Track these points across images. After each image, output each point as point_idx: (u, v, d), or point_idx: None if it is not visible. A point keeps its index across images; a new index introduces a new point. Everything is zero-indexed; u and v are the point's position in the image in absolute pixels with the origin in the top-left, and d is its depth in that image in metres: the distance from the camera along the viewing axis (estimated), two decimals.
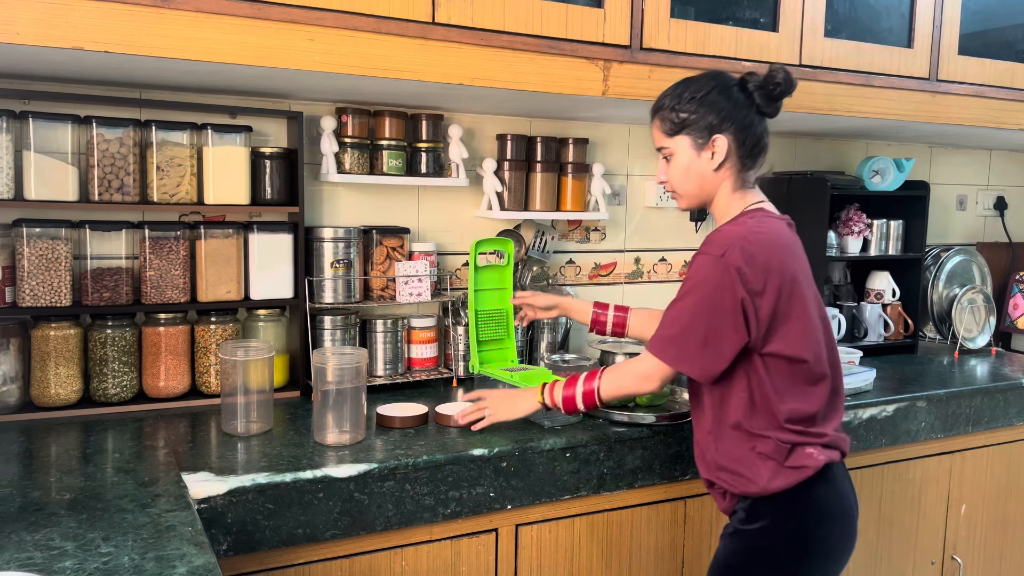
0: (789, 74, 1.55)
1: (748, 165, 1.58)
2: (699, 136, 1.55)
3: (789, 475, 1.50)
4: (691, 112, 1.55)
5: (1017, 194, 3.47)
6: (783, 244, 1.51)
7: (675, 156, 1.60)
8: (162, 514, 1.31)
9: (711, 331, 1.47)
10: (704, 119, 1.54)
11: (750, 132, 1.55)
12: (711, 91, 1.55)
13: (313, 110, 2.13)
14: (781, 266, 1.48)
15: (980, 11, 2.49)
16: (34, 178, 1.78)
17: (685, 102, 1.56)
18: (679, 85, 1.59)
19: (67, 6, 1.44)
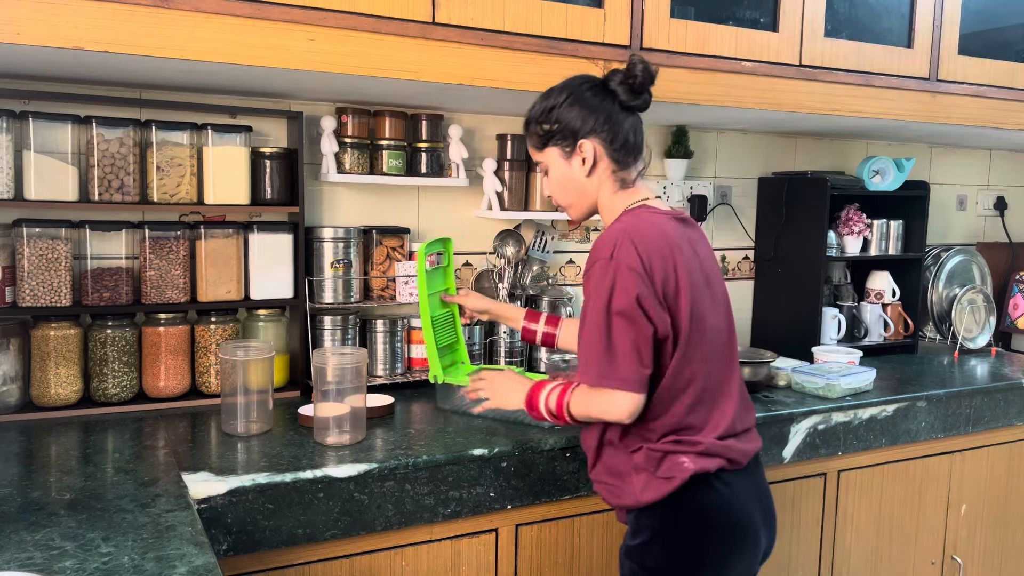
0: (647, 64, 1.50)
1: (624, 163, 1.52)
2: (565, 145, 1.51)
3: (660, 485, 1.42)
4: (553, 122, 1.51)
5: (1017, 194, 3.47)
6: (666, 239, 1.42)
7: (550, 169, 1.55)
8: (162, 514, 1.31)
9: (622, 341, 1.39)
10: (567, 127, 1.50)
11: (617, 130, 1.49)
12: (568, 97, 1.50)
13: (313, 110, 2.13)
14: (662, 261, 1.40)
15: (980, 11, 2.49)
16: (34, 178, 1.78)
17: (545, 113, 1.52)
18: (542, 97, 1.55)
19: (67, 6, 1.44)
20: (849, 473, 2.18)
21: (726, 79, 2.07)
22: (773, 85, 2.15)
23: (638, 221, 1.44)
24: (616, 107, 1.50)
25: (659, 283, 1.39)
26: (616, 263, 1.38)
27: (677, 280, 1.41)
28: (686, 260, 1.43)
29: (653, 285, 1.38)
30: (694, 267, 1.45)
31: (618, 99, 1.50)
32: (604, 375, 1.39)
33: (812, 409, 2.07)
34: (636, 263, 1.38)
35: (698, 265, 1.46)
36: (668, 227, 1.45)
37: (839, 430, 2.11)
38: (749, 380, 2.16)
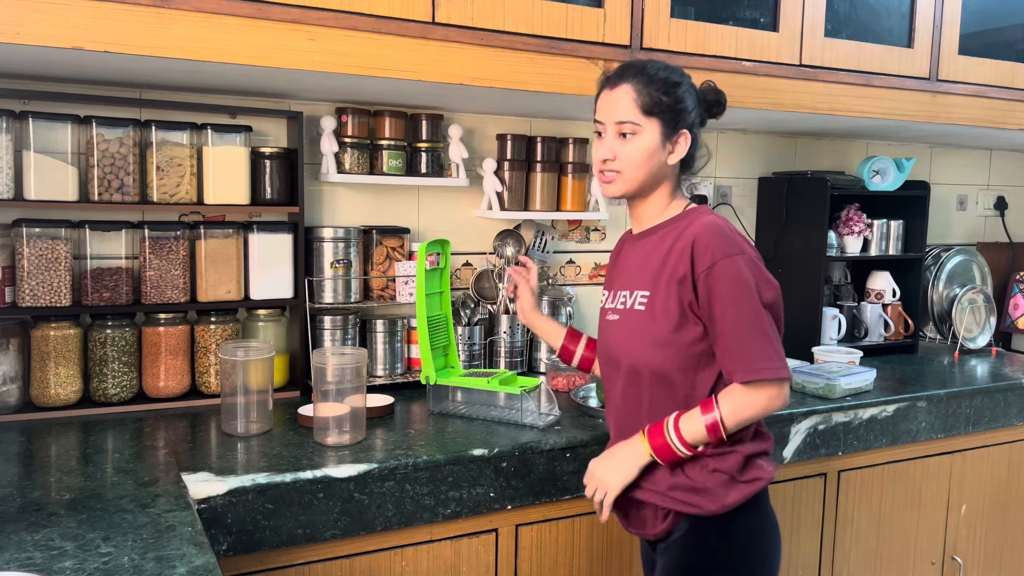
0: (722, 94, 1.54)
1: (688, 168, 1.54)
2: (670, 126, 1.46)
3: (743, 489, 1.43)
4: (674, 98, 1.46)
5: (1017, 194, 3.47)
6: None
7: (640, 137, 1.46)
8: (162, 514, 1.31)
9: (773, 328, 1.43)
10: (683, 110, 1.47)
11: (697, 139, 1.52)
12: (689, 85, 1.50)
13: (313, 110, 2.13)
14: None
15: (980, 11, 2.49)
16: (34, 178, 1.78)
17: (670, 85, 1.46)
18: (662, 66, 1.49)
19: (67, 6, 1.44)
20: (849, 473, 2.18)
21: (726, 79, 2.07)
22: (773, 85, 2.15)
23: (719, 219, 1.47)
24: (699, 118, 1.52)
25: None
26: (748, 257, 1.41)
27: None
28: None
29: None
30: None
31: (702, 113, 1.53)
32: (775, 366, 1.39)
33: (812, 409, 2.07)
34: (760, 257, 1.44)
35: None
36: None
37: (839, 430, 2.11)
38: None
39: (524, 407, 1.86)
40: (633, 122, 1.45)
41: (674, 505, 1.45)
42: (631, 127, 1.46)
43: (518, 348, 2.32)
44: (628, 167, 1.47)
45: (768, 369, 1.39)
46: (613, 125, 1.47)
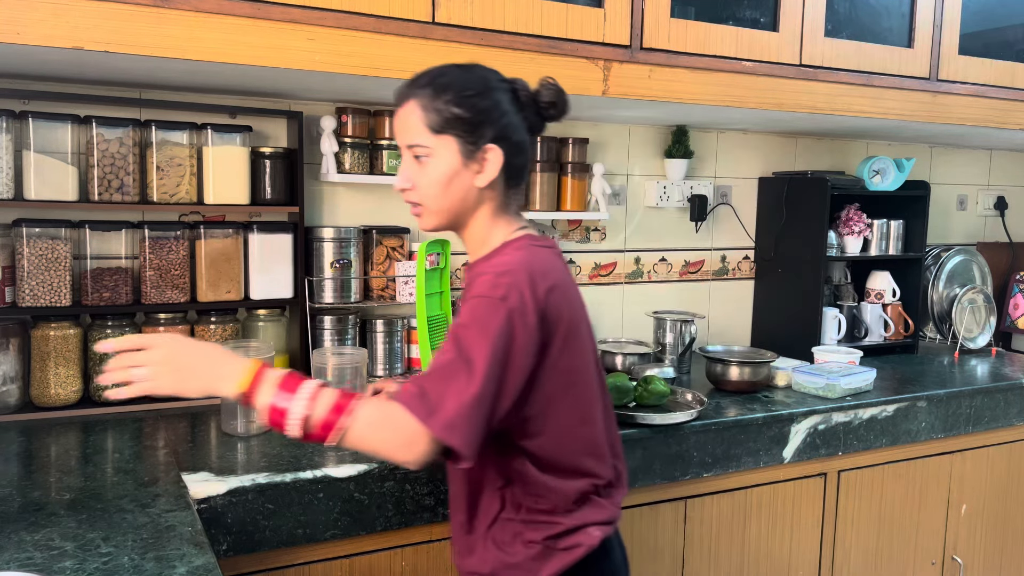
0: (563, 94, 1.32)
1: (512, 186, 1.31)
2: (469, 142, 1.25)
3: (562, 558, 1.29)
4: (467, 108, 1.24)
5: (1017, 194, 3.47)
6: (569, 285, 1.27)
7: (433, 158, 1.26)
8: (162, 514, 1.31)
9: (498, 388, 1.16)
10: (481, 120, 1.25)
11: (521, 149, 1.29)
12: (492, 90, 1.27)
13: (313, 110, 2.13)
14: (571, 314, 1.25)
15: (980, 11, 2.49)
16: (34, 178, 1.78)
17: (466, 96, 1.25)
18: (451, 70, 1.28)
19: (67, 6, 1.44)
20: (849, 473, 2.18)
21: (726, 79, 2.07)
22: (773, 85, 2.15)
23: (538, 260, 1.24)
24: (524, 124, 1.30)
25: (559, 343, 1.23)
26: (509, 306, 1.16)
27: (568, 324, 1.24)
28: (585, 312, 1.32)
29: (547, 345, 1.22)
30: (587, 315, 1.33)
31: (527, 117, 1.30)
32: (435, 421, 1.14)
33: (812, 409, 2.07)
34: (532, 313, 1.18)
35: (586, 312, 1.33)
36: (566, 272, 1.30)
37: (839, 430, 2.11)
38: (749, 380, 2.17)
39: None
40: (422, 144, 1.26)
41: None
42: (422, 150, 1.26)
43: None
44: (427, 197, 1.28)
45: (425, 414, 1.11)
46: (406, 149, 1.29)
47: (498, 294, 1.17)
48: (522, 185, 1.34)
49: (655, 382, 1.95)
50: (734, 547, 2.04)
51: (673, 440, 1.88)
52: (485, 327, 1.15)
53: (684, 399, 2.03)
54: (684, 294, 2.73)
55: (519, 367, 1.17)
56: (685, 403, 2.01)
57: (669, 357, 2.38)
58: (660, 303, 2.67)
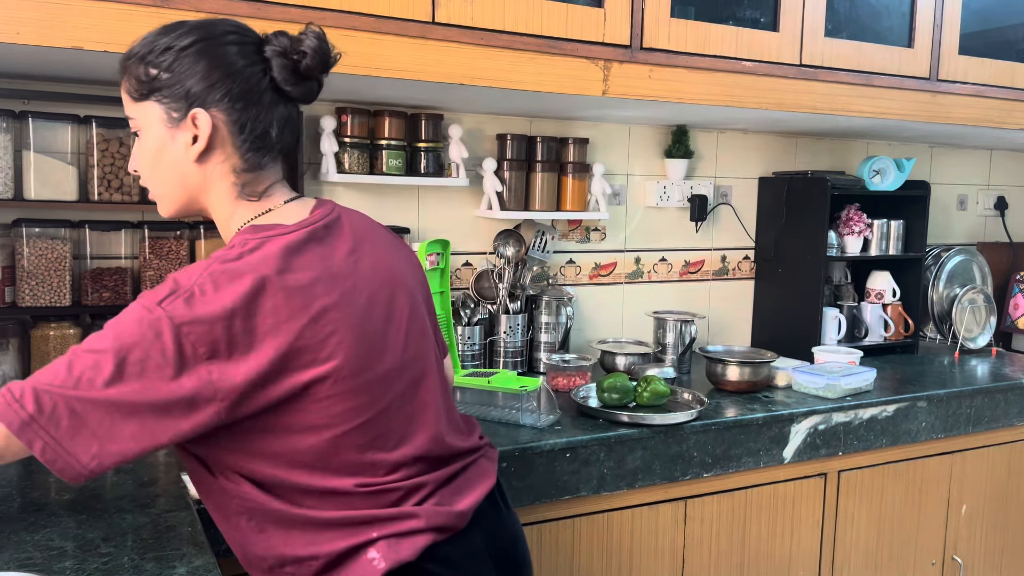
0: (324, 43, 1.12)
1: (253, 161, 1.11)
2: (173, 107, 1.07)
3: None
4: (165, 68, 1.07)
5: (1018, 194, 3.47)
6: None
7: (142, 132, 1.12)
8: (162, 514, 1.31)
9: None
10: (183, 81, 1.06)
11: (255, 113, 1.08)
12: (198, 43, 1.07)
13: (313, 110, 2.13)
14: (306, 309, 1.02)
15: (980, 11, 2.49)
16: (34, 178, 1.78)
17: (158, 52, 1.07)
18: (162, 29, 1.10)
19: (67, 6, 1.44)
20: (849, 473, 2.18)
21: (726, 79, 2.07)
22: (773, 85, 2.15)
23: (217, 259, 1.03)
24: (266, 83, 1.09)
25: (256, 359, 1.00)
26: (153, 317, 0.97)
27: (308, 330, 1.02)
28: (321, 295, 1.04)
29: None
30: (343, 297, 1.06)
31: (270, 74, 1.10)
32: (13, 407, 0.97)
33: (812, 409, 2.07)
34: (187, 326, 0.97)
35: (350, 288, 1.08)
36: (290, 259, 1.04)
37: (839, 430, 2.11)
38: (749, 380, 2.17)
39: (524, 407, 1.85)
40: (129, 116, 1.12)
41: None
42: (132, 123, 1.12)
43: (518, 348, 2.31)
44: (145, 176, 1.14)
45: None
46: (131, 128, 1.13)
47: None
48: (274, 158, 1.13)
49: (655, 382, 1.95)
50: (734, 547, 2.04)
51: (673, 440, 1.88)
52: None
53: (684, 399, 2.03)
54: (684, 294, 2.73)
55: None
56: (685, 403, 2.01)
57: (669, 357, 2.38)
58: (660, 303, 2.67)
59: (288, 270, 1.03)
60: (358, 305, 1.07)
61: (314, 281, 1.04)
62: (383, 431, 1.09)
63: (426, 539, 1.08)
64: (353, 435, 1.06)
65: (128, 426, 0.96)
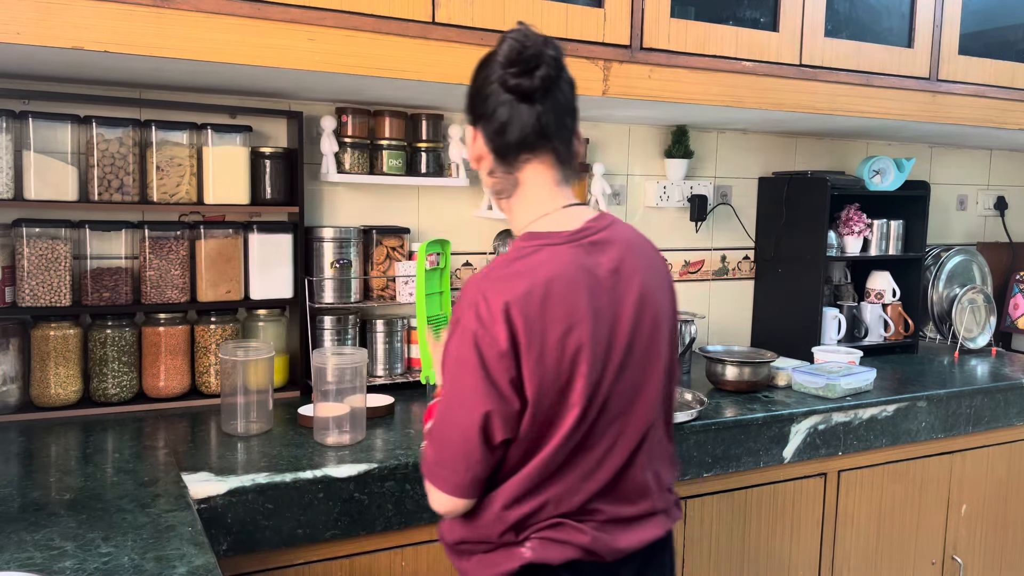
0: (521, 39, 1.17)
1: (503, 164, 1.20)
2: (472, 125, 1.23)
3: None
4: (467, 94, 1.24)
5: (1017, 194, 3.47)
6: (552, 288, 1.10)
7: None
8: (162, 514, 1.31)
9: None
10: (468, 107, 1.23)
11: (495, 119, 1.17)
12: (481, 66, 1.21)
13: (313, 110, 2.13)
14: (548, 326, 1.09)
15: (980, 11, 2.49)
16: (34, 178, 1.78)
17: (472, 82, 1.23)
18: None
19: (67, 6, 1.44)
20: (849, 473, 2.18)
21: (726, 79, 2.07)
22: (773, 85, 2.15)
23: (510, 269, 1.12)
24: (498, 88, 1.16)
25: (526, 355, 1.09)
26: (462, 328, 1.11)
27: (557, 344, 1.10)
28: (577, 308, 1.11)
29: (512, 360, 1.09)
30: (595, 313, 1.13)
31: (504, 80, 1.16)
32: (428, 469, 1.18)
33: (812, 409, 2.07)
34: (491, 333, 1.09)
35: (606, 305, 1.14)
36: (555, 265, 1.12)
37: (839, 430, 2.11)
38: (749, 380, 2.17)
39: None
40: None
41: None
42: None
43: None
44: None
45: (422, 462, 1.18)
46: None
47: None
48: (518, 163, 1.19)
49: None
50: (734, 547, 2.04)
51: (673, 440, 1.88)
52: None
53: (684, 399, 2.03)
54: (684, 294, 2.72)
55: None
56: (685, 403, 2.01)
57: None
58: None
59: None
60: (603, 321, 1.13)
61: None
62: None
63: (574, 552, 1.14)
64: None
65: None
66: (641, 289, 1.17)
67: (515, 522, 1.14)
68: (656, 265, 1.23)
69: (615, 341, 1.14)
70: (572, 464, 1.14)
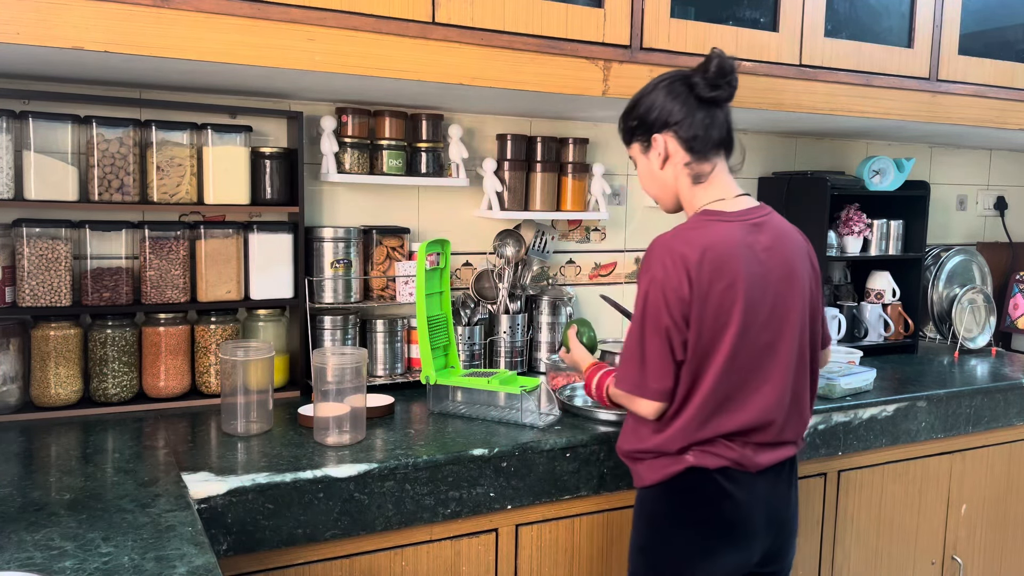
0: (723, 58, 1.51)
1: (698, 159, 1.54)
2: (644, 140, 1.57)
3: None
4: (634, 118, 1.58)
5: (1017, 194, 3.47)
6: (724, 256, 1.46)
7: (636, 163, 1.63)
8: (162, 514, 1.31)
9: (649, 355, 1.47)
10: (643, 122, 1.56)
11: (691, 123, 1.52)
12: (649, 94, 1.57)
13: (313, 110, 2.13)
14: (714, 281, 1.44)
15: (980, 11, 2.49)
16: (34, 178, 1.78)
17: (629, 110, 1.60)
18: (634, 95, 1.62)
19: (67, 6, 1.44)
20: (849, 473, 2.18)
21: None
22: (773, 85, 2.15)
23: (691, 234, 1.48)
24: (693, 100, 1.53)
25: (695, 301, 1.43)
26: (651, 278, 1.46)
27: (720, 298, 1.44)
28: (737, 271, 1.45)
29: (689, 303, 1.44)
30: (775, 279, 1.49)
31: (695, 92, 1.53)
32: (630, 386, 1.50)
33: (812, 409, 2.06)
34: (673, 280, 1.43)
35: (758, 273, 1.47)
36: (730, 241, 1.47)
37: (839, 430, 2.11)
38: None
39: (524, 407, 1.86)
40: (630, 156, 1.65)
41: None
42: (632, 160, 1.65)
43: (518, 348, 2.32)
44: (645, 188, 1.65)
45: (624, 384, 1.52)
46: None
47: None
48: (711, 156, 1.55)
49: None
50: None
51: None
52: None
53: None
54: None
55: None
56: None
57: None
58: None
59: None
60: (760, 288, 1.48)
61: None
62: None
63: (725, 462, 1.50)
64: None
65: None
66: (787, 266, 1.52)
67: (685, 439, 1.49)
68: (801, 249, 1.57)
69: (763, 302, 1.47)
70: (726, 402, 1.48)
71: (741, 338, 1.46)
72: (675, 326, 1.44)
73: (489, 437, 1.76)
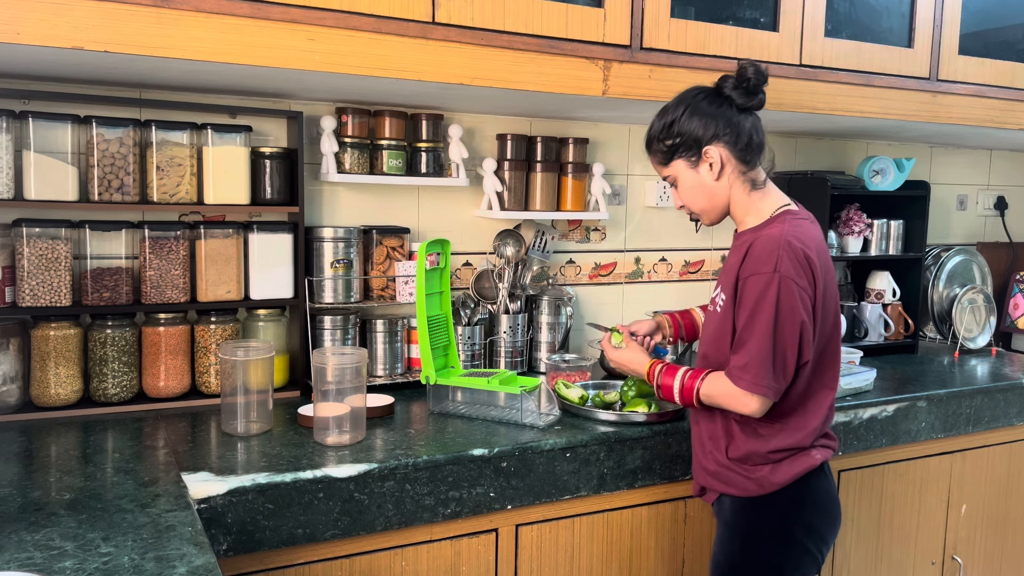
0: (759, 66, 1.57)
1: (751, 163, 1.60)
2: (691, 155, 1.59)
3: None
4: (675, 136, 1.59)
5: (1017, 194, 3.47)
6: (822, 252, 1.57)
7: (679, 180, 1.64)
8: (162, 514, 1.31)
9: (782, 352, 1.51)
10: (690, 137, 1.58)
11: (740, 132, 1.57)
12: (686, 110, 1.59)
13: (313, 110, 2.13)
14: (824, 277, 1.54)
15: (980, 11, 2.49)
16: (34, 178, 1.78)
17: (666, 129, 1.61)
18: (659, 115, 1.64)
19: (67, 6, 1.44)
20: (849, 473, 2.18)
21: None
22: (773, 85, 2.13)
23: (798, 233, 1.52)
24: (733, 111, 1.57)
25: (818, 296, 1.52)
26: (782, 277, 1.48)
27: (825, 292, 1.55)
28: (833, 272, 1.59)
29: (813, 299, 1.51)
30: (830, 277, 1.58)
31: (734, 103, 1.57)
32: (759, 385, 1.51)
33: None
34: (800, 277, 1.49)
35: (833, 270, 1.60)
36: (821, 240, 1.58)
37: (839, 430, 2.11)
38: None
39: (524, 407, 1.86)
40: (666, 175, 1.66)
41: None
42: (670, 179, 1.66)
43: (518, 348, 2.32)
44: (694, 207, 1.66)
45: (752, 384, 1.52)
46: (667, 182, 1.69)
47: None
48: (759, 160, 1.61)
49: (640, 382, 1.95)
50: None
51: (673, 440, 1.88)
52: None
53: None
54: (684, 294, 2.72)
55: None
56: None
57: (669, 357, 2.38)
58: (660, 303, 2.67)
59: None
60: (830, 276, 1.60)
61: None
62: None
63: (830, 453, 1.65)
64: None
65: None
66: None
67: (816, 434, 1.60)
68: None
69: (837, 298, 1.61)
70: (831, 399, 1.62)
71: (839, 331, 1.61)
72: (809, 320, 1.50)
73: (489, 437, 1.76)
